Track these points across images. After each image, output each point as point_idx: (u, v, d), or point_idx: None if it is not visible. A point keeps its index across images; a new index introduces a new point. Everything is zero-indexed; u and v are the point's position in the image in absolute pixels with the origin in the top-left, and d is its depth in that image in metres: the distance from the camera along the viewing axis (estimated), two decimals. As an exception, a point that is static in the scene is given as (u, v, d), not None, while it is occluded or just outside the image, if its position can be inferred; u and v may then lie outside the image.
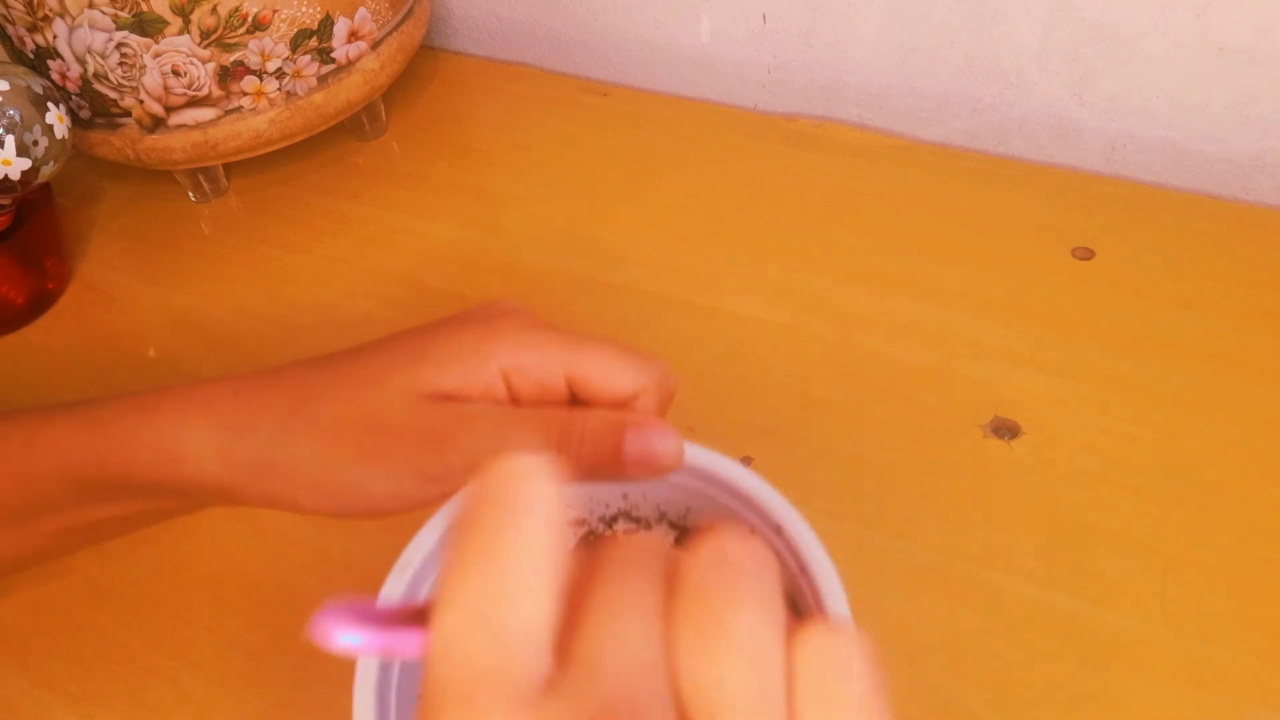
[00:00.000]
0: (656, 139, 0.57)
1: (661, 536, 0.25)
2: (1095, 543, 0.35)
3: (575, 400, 0.28)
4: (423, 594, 0.27)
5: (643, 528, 0.31)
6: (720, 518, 0.29)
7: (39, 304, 0.51)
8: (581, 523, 0.32)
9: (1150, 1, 0.47)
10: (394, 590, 0.25)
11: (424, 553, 0.26)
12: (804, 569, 0.26)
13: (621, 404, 0.28)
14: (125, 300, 0.52)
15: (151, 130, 0.50)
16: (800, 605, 0.27)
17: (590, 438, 0.26)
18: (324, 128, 0.54)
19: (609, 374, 0.28)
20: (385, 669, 0.25)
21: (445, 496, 0.27)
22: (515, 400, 0.28)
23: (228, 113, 0.50)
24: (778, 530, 0.27)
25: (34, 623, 0.38)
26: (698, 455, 0.28)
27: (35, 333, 0.50)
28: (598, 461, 0.26)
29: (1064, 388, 0.40)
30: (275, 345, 0.47)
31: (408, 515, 0.28)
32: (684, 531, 0.31)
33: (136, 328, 0.50)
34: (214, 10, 0.46)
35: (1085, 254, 0.46)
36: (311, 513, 0.28)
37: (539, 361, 0.27)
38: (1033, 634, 0.33)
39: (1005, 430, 0.39)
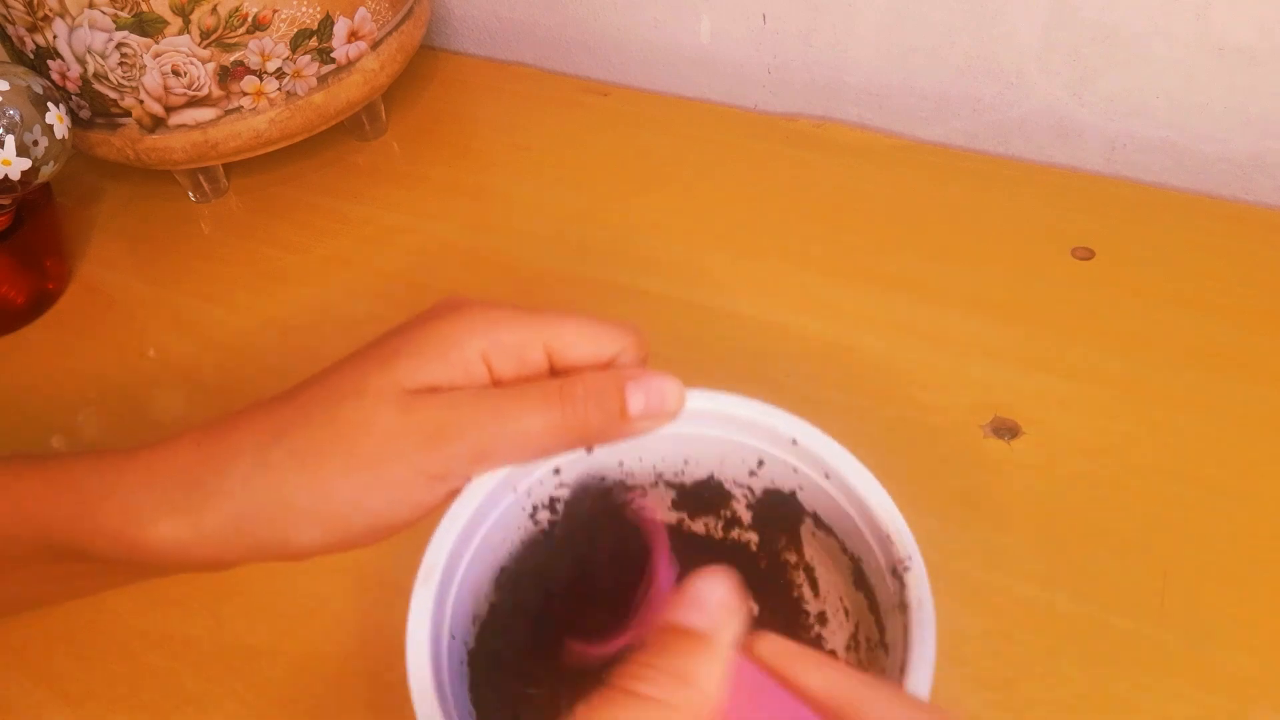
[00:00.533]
0: (656, 139, 0.57)
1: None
2: (1095, 543, 0.35)
3: (555, 373, 0.27)
4: (449, 602, 0.26)
5: (639, 494, 0.31)
6: (724, 455, 0.29)
7: (39, 304, 0.51)
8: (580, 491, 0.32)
9: (1150, 1, 0.47)
10: (424, 602, 0.25)
11: (446, 555, 0.26)
12: (828, 474, 0.27)
13: (602, 368, 0.27)
14: (125, 300, 0.52)
15: (151, 130, 0.50)
16: (826, 520, 0.28)
17: (593, 398, 0.26)
18: (324, 128, 0.54)
19: (586, 340, 0.27)
20: (436, 642, 0.25)
21: (449, 495, 0.26)
22: (497, 383, 0.27)
23: (228, 113, 0.50)
24: (792, 443, 0.28)
25: (34, 623, 0.38)
26: (698, 397, 0.28)
27: (35, 333, 0.50)
28: (605, 420, 0.26)
29: (1064, 388, 0.40)
30: (275, 345, 0.47)
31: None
32: (681, 490, 0.31)
33: (136, 328, 0.50)
34: (214, 10, 0.46)
35: (1085, 254, 0.46)
36: (308, 552, 0.26)
37: (516, 337, 0.26)
38: (1033, 634, 0.33)
39: (1005, 430, 0.39)
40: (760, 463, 0.29)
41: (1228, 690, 0.31)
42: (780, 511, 0.29)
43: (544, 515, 0.30)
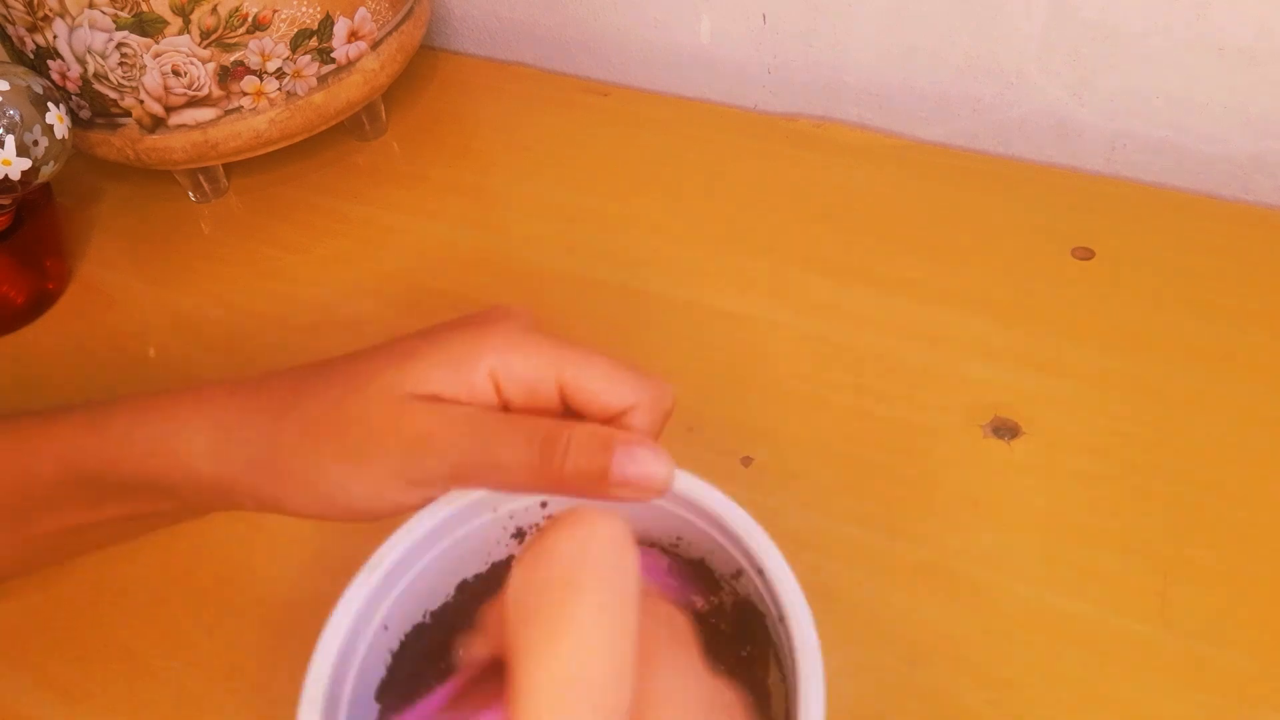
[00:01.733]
0: (656, 139, 0.57)
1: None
2: (1095, 543, 0.35)
3: (568, 412, 0.27)
4: (391, 597, 0.27)
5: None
6: (711, 549, 0.28)
7: (39, 304, 0.51)
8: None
9: (1150, 1, 0.47)
10: (361, 588, 0.26)
11: (396, 554, 0.27)
12: (783, 618, 0.25)
13: (614, 418, 0.26)
14: (125, 300, 0.52)
15: (151, 130, 0.50)
16: (779, 652, 0.27)
17: (575, 450, 0.25)
18: (324, 128, 0.54)
19: (602, 384, 0.26)
20: (355, 633, 0.26)
21: (426, 501, 0.27)
22: (505, 407, 0.27)
23: (228, 113, 0.50)
24: (760, 572, 0.26)
25: (34, 623, 0.38)
26: (686, 484, 0.27)
27: (35, 333, 0.50)
28: (582, 478, 0.25)
29: (1064, 388, 0.40)
30: (275, 345, 0.47)
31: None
32: (676, 558, 0.30)
33: (136, 328, 0.50)
34: (214, 10, 0.46)
35: (1085, 254, 0.46)
36: (298, 513, 0.27)
37: (530, 365, 0.26)
38: (1033, 634, 0.33)
39: (1005, 430, 0.39)
40: (739, 573, 0.28)
41: (1228, 690, 0.31)
42: (752, 627, 0.28)
43: (528, 538, 0.30)
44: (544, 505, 0.29)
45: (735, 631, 0.29)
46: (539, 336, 0.27)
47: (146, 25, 0.46)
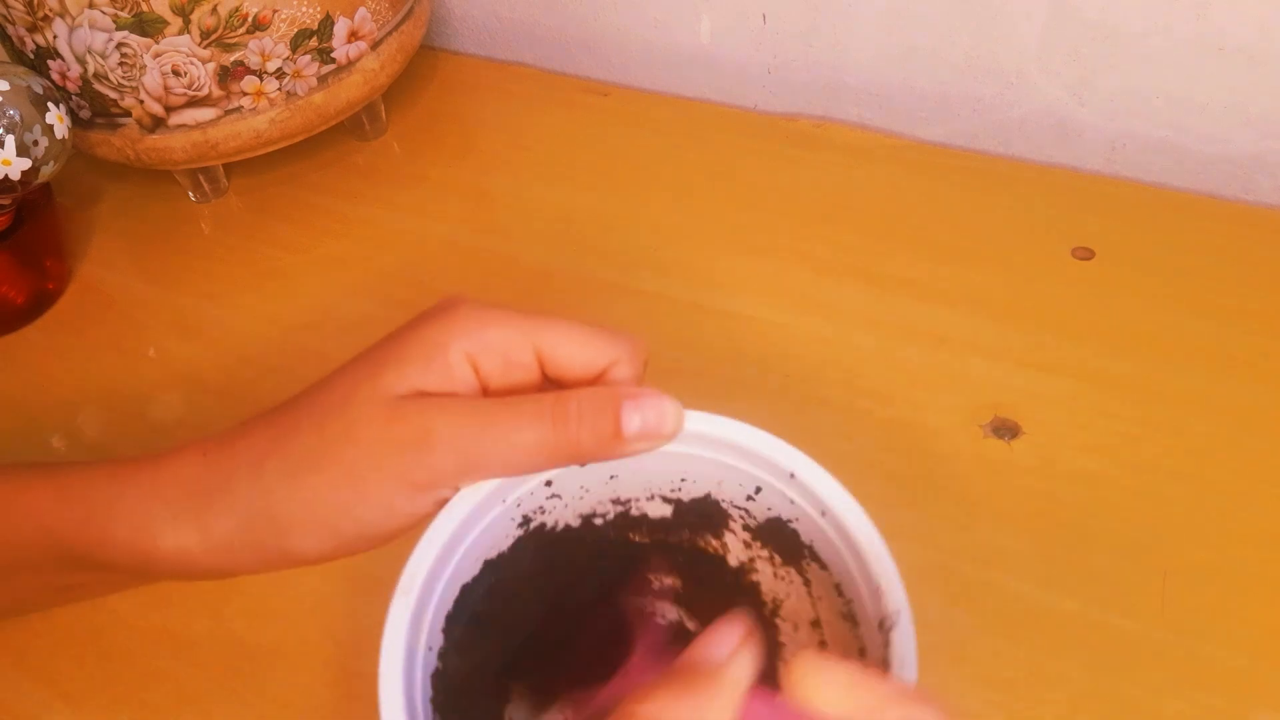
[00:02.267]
0: (656, 139, 0.57)
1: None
2: (1095, 543, 0.35)
3: (548, 381, 0.27)
4: (429, 616, 0.26)
5: (633, 511, 0.31)
6: (722, 478, 0.29)
7: (39, 304, 0.51)
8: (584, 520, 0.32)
9: (1150, 1, 0.47)
10: (400, 613, 0.25)
11: (427, 567, 0.25)
12: (825, 510, 0.26)
13: (595, 378, 0.26)
14: (125, 300, 0.52)
15: (151, 130, 0.50)
16: (816, 551, 0.27)
17: (587, 416, 0.25)
18: (324, 128, 0.54)
19: (578, 345, 0.26)
20: (411, 655, 0.25)
21: (439, 505, 0.26)
22: (486, 389, 0.26)
23: (228, 113, 0.50)
24: (790, 476, 0.27)
25: (35, 623, 0.38)
26: (697, 419, 0.27)
27: (35, 333, 0.50)
28: (597, 441, 0.25)
29: (1064, 388, 0.40)
30: (275, 345, 0.47)
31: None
32: (678, 505, 0.30)
33: (136, 328, 0.50)
34: (214, 10, 0.46)
35: (1085, 254, 0.46)
36: (308, 559, 0.26)
37: (503, 338, 0.26)
38: (1033, 634, 0.33)
39: (1005, 430, 0.39)
40: (758, 489, 0.28)
41: (1228, 690, 0.31)
42: (780, 538, 0.29)
43: (535, 523, 0.30)
44: (548, 484, 0.29)
45: (768, 552, 0.30)
46: (501, 310, 0.26)
47: (146, 25, 0.46)
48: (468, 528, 0.27)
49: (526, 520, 0.29)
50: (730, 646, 0.21)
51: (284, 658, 0.36)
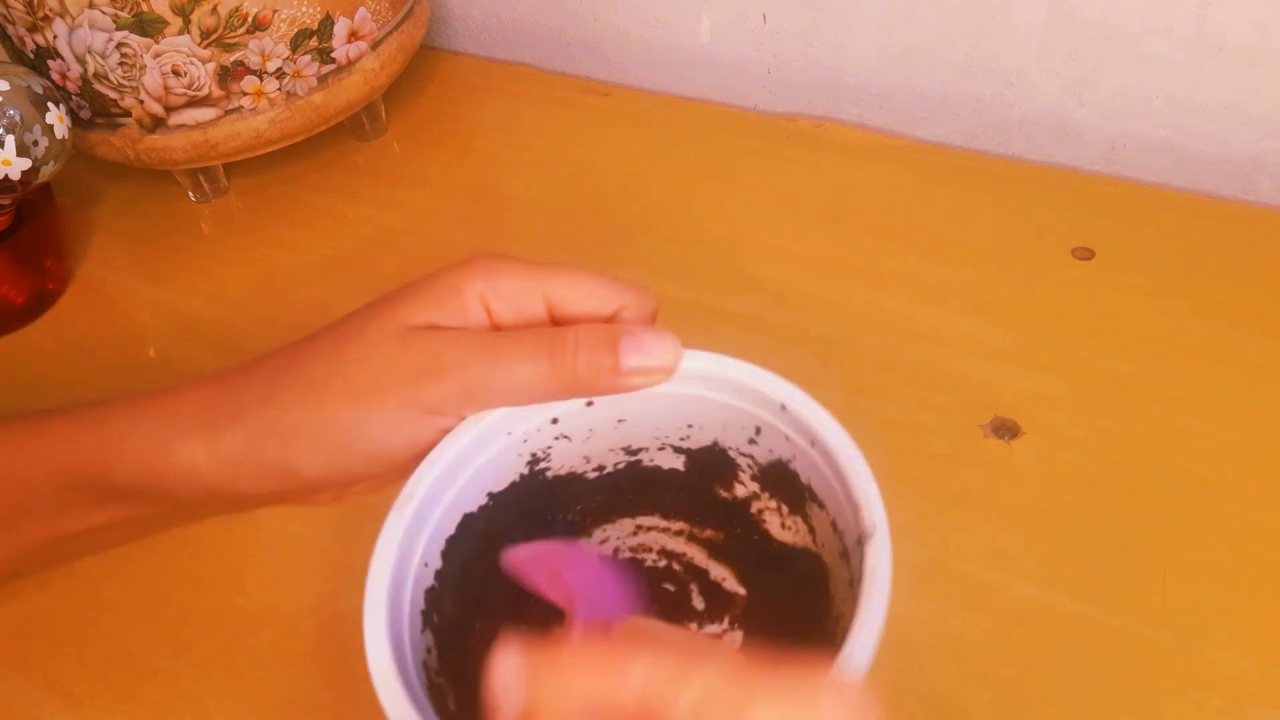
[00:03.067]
0: (656, 139, 0.57)
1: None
2: (1095, 543, 0.35)
3: (557, 324, 0.28)
4: (426, 532, 0.27)
5: (645, 460, 0.31)
6: (725, 421, 0.29)
7: (39, 304, 0.51)
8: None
9: (1150, 1, 0.47)
10: (394, 527, 0.25)
11: (424, 489, 0.26)
12: (815, 441, 0.26)
13: (604, 321, 0.27)
14: (125, 300, 0.52)
15: (151, 130, 0.50)
16: (812, 488, 0.27)
17: (584, 348, 0.26)
18: (324, 128, 0.54)
19: (587, 293, 0.27)
20: (400, 568, 0.25)
21: (442, 432, 0.27)
22: (497, 328, 0.27)
23: (228, 113, 0.50)
24: (781, 409, 0.27)
25: (34, 623, 0.38)
26: (695, 357, 0.27)
27: (35, 333, 0.50)
28: (595, 373, 0.26)
29: (1064, 388, 0.40)
30: (275, 345, 0.47)
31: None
32: (690, 455, 0.31)
33: (136, 328, 0.50)
34: (214, 10, 0.46)
35: (1085, 254, 0.46)
36: (312, 479, 0.27)
37: (515, 284, 0.27)
38: (1033, 634, 0.33)
39: (1005, 430, 0.39)
40: (758, 430, 0.28)
41: (1228, 690, 0.31)
42: (784, 484, 0.29)
43: (541, 464, 0.30)
44: (555, 421, 0.29)
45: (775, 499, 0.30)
46: (517, 259, 0.27)
47: (146, 25, 0.46)
48: (471, 454, 0.27)
49: (535, 458, 0.30)
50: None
51: (284, 657, 0.36)
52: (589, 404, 0.29)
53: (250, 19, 0.47)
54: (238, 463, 0.27)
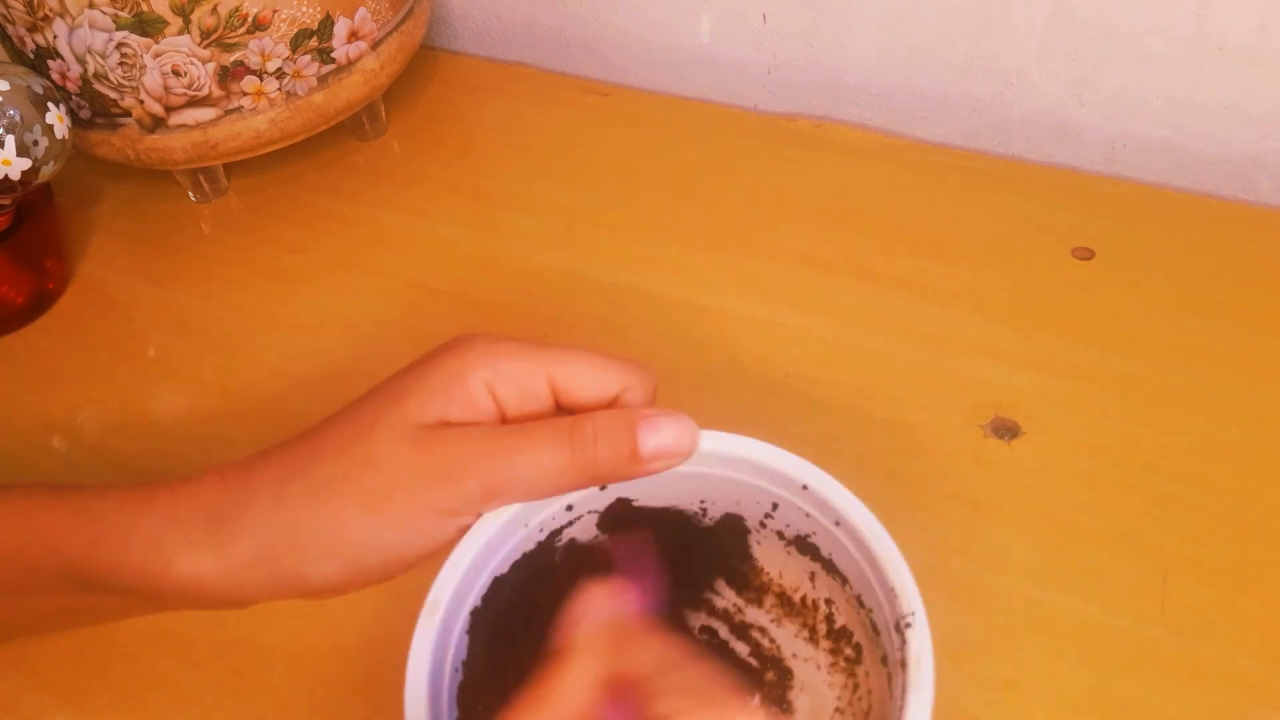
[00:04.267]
0: (656, 139, 0.57)
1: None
2: (1095, 543, 0.35)
3: (560, 407, 0.27)
4: (455, 636, 0.26)
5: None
6: (739, 498, 0.29)
7: (39, 304, 0.51)
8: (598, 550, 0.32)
9: (1150, 1, 0.47)
10: (426, 635, 0.25)
11: (451, 589, 0.26)
12: (840, 520, 0.26)
13: (607, 404, 0.27)
14: (125, 300, 0.52)
15: (151, 130, 0.50)
16: (833, 561, 0.28)
17: (604, 437, 0.26)
18: (324, 128, 0.54)
19: (590, 374, 0.27)
20: (436, 679, 0.25)
21: (461, 532, 0.26)
22: (504, 416, 0.27)
23: (228, 113, 0.50)
24: (803, 488, 0.27)
25: (34, 623, 0.38)
26: (711, 438, 0.27)
27: (35, 333, 0.50)
28: (615, 461, 0.26)
29: (1064, 388, 0.40)
30: (275, 345, 0.47)
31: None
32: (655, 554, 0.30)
33: (136, 328, 0.50)
34: (214, 10, 0.46)
35: (1085, 254, 0.46)
36: (325, 588, 0.26)
37: (519, 368, 0.27)
38: (1033, 634, 0.33)
39: (1005, 430, 0.39)
40: (775, 505, 0.28)
41: (1228, 690, 0.31)
42: (804, 554, 0.29)
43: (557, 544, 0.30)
44: (569, 509, 0.29)
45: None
46: (515, 342, 0.27)
47: (146, 25, 0.46)
48: (491, 551, 0.27)
49: (550, 538, 0.30)
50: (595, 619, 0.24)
51: (284, 658, 0.36)
52: (602, 489, 0.29)
53: (250, 19, 0.47)
54: (246, 574, 0.26)
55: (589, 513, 0.30)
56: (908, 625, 0.24)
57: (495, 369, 0.26)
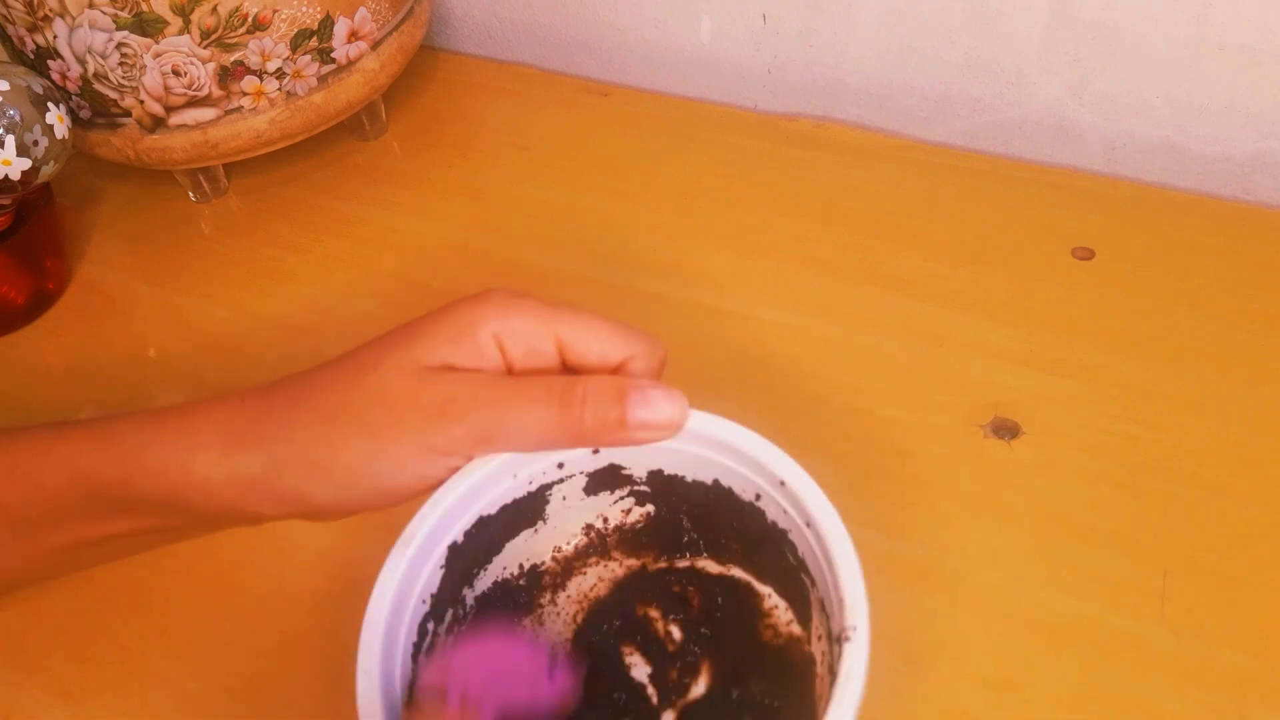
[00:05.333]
0: (656, 139, 0.57)
1: None
2: (1095, 543, 0.35)
3: (567, 369, 0.28)
4: (427, 570, 0.27)
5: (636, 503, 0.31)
6: (728, 482, 0.29)
7: (39, 304, 0.51)
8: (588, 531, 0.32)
9: (1150, 1, 0.47)
10: (395, 567, 0.26)
11: (427, 527, 0.27)
12: (810, 522, 0.26)
13: (613, 370, 0.28)
14: (125, 300, 0.52)
15: (151, 130, 0.50)
16: (807, 563, 0.27)
17: (592, 399, 0.26)
18: (324, 128, 0.54)
19: (598, 338, 0.28)
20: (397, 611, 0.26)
21: (450, 472, 0.27)
22: (510, 368, 0.28)
23: (228, 113, 0.50)
24: (781, 484, 0.27)
25: (34, 623, 0.38)
26: (701, 420, 0.28)
27: (35, 333, 0.50)
28: (601, 425, 0.26)
29: (1064, 388, 0.40)
30: (275, 345, 0.47)
31: (406, 513, 0.28)
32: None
33: (136, 328, 0.50)
34: (214, 10, 0.46)
35: (1085, 254, 0.46)
36: (320, 507, 0.27)
37: (528, 324, 0.27)
38: (1033, 634, 0.33)
39: (1005, 430, 0.39)
40: (758, 496, 0.29)
41: (1228, 690, 0.31)
42: (775, 547, 0.29)
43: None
44: (560, 466, 0.30)
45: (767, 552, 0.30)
46: (531, 299, 0.28)
47: (146, 25, 0.46)
48: (475, 496, 0.28)
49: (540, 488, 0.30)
50: None
51: (284, 657, 0.36)
52: (595, 452, 0.29)
53: (250, 19, 0.47)
54: (253, 486, 0.27)
55: (580, 473, 0.30)
56: (847, 639, 0.24)
57: (505, 323, 0.27)
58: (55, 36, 0.47)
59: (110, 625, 0.37)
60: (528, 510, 0.30)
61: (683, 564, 0.32)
